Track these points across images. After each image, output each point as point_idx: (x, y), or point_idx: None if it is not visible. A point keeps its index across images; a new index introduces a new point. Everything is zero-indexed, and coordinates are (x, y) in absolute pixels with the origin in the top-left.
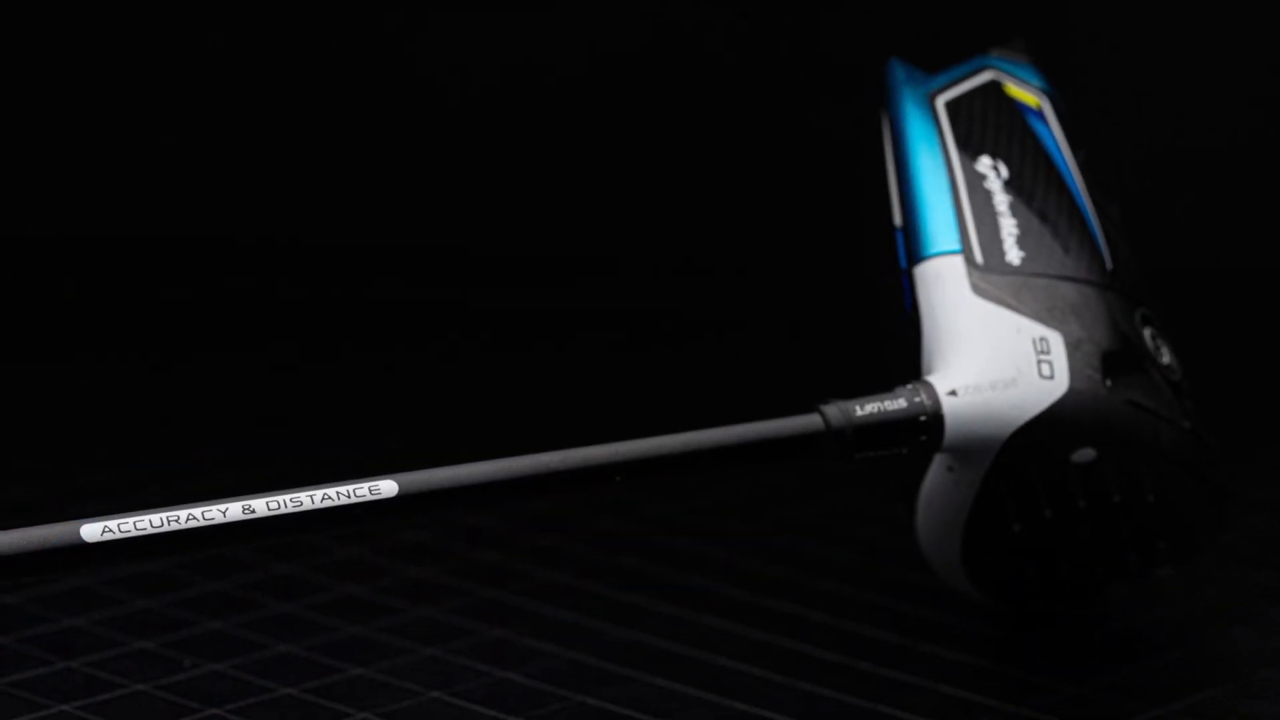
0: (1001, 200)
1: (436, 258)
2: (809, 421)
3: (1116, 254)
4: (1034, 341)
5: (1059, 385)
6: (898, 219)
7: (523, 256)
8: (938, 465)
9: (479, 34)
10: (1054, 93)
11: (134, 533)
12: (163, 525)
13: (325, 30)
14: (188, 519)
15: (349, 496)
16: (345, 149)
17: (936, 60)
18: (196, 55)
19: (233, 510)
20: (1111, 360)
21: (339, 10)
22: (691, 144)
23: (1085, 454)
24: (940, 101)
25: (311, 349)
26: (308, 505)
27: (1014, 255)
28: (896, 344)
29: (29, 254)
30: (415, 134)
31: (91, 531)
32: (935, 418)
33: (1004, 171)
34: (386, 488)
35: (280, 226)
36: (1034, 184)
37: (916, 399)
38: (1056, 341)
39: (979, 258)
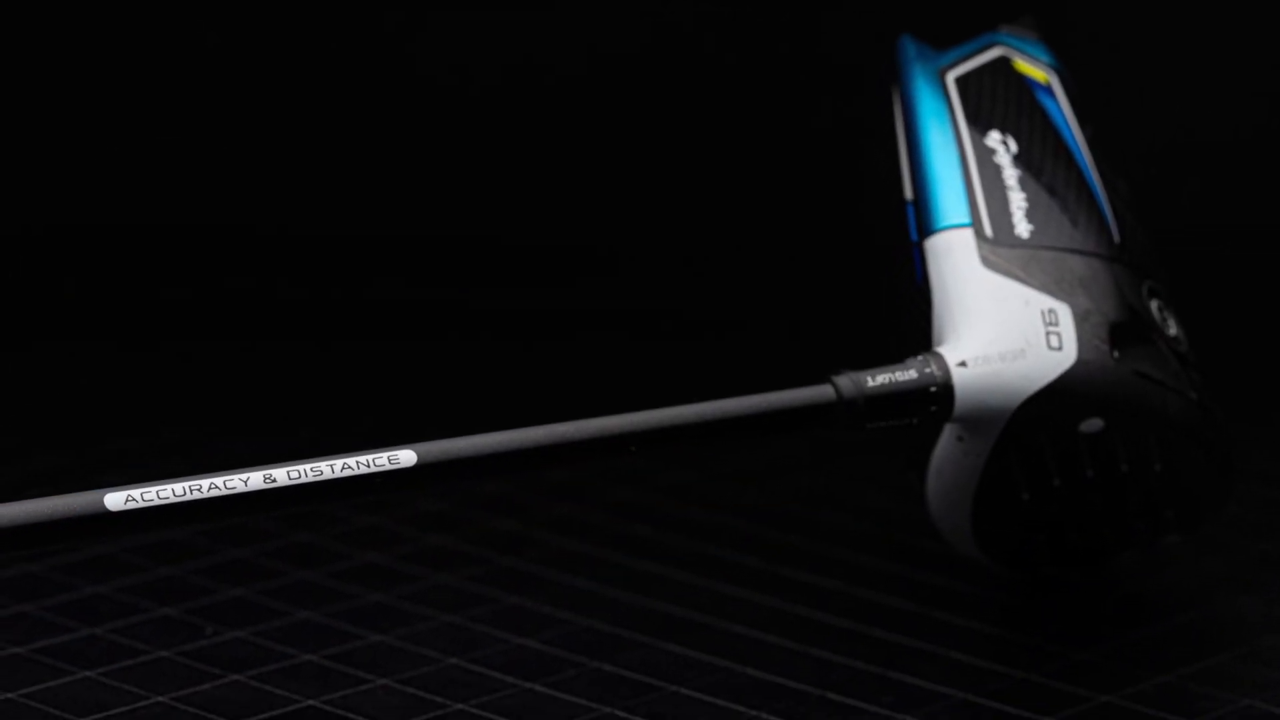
0: (1010, 174)
1: (436, 257)
2: (821, 392)
3: (1124, 227)
4: (1042, 313)
5: (1067, 356)
6: (908, 193)
7: (523, 256)
8: (948, 435)
9: (479, 34)
10: (1062, 69)
11: (157, 502)
12: (185, 494)
13: (325, 30)
14: (210, 488)
15: (368, 466)
16: (346, 149)
17: (947, 37)
18: (199, 55)
19: (254, 479)
20: (1119, 332)
21: (339, 10)
22: (691, 144)
23: (1093, 424)
24: (950, 77)
25: (311, 348)
26: (328, 474)
27: (1023, 228)
28: (906, 316)
29: (30, 251)
30: (415, 134)
31: (115, 500)
32: (945, 388)
33: (1013, 146)
34: (405, 457)
35: (279, 225)
36: (1042, 158)
37: (927, 370)
38: (1065, 313)
39: (988, 231)
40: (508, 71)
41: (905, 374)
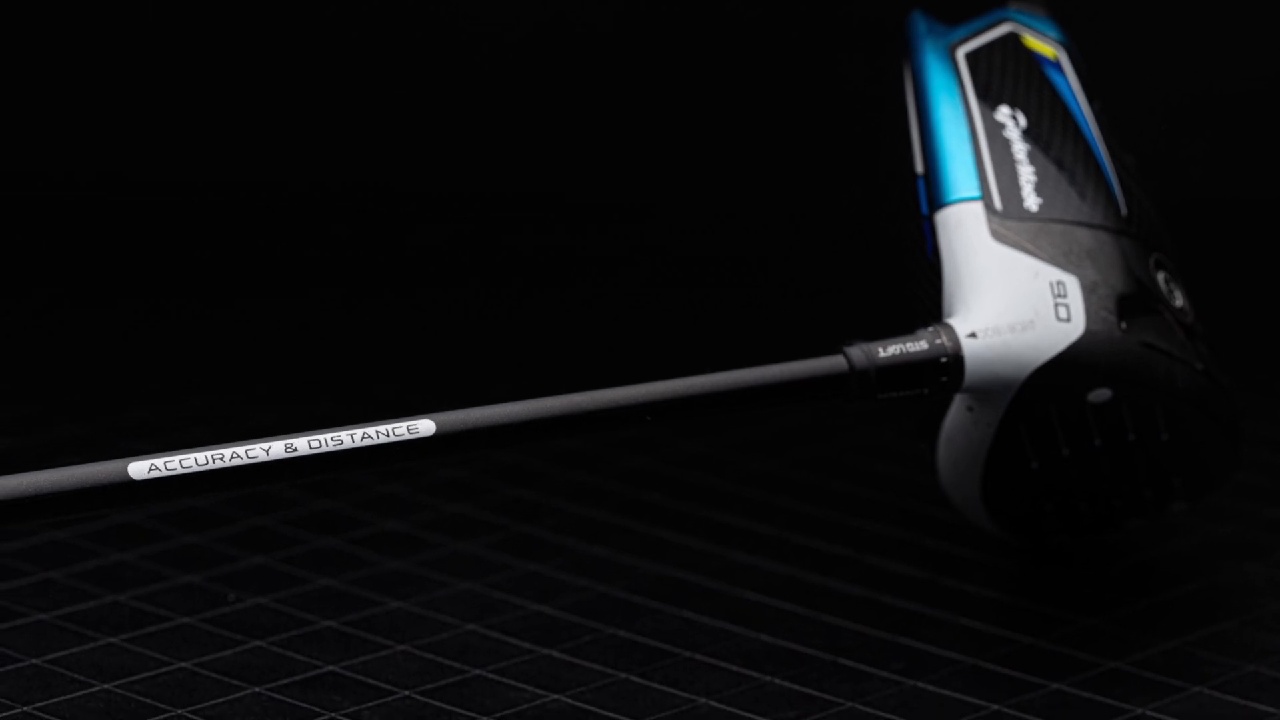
0: (1020, 148)
1: (476, 203)
2: (833, 363)
3: (1131, 200)
4: (1051, 285)
5: (1075, 327)
6: (919, 167)
7: (559, 202)
8: (958, 405)
9: None
10: (1071, 45)
11: (180, 470)
12: (208, 463)
13: None
14: (232, 457)
15: (388, 435)
16: (385, 98)
17: (957, 13)
18: (230, 15)
19: (275, 449)
20: (1126, 303)
21: None
22: (720, 95)
23: (1101, 394)
24: (961, 53)
25: (354, 291)
26: (348, 444)
27: (1032, 202)
28: (918, 288)
29: (76, 201)
30: (454, 85)
31: (139, 469)
32: (956, 359)
33: (1022, 121)
34: (424, 427)
35: (324, 173)
36: (1051, 133)
37: (937, 341)
38: (1073, 285)
39: (998, 204)
40: (543, 25)
41: (916, 345)
